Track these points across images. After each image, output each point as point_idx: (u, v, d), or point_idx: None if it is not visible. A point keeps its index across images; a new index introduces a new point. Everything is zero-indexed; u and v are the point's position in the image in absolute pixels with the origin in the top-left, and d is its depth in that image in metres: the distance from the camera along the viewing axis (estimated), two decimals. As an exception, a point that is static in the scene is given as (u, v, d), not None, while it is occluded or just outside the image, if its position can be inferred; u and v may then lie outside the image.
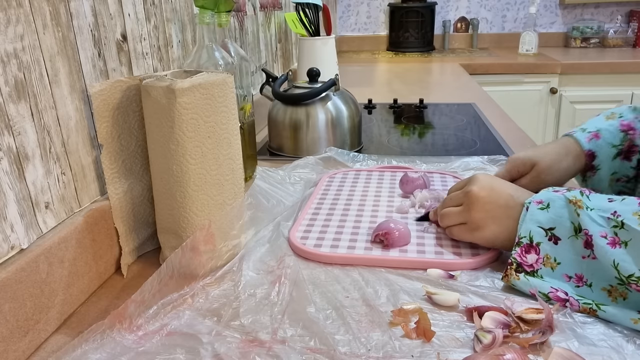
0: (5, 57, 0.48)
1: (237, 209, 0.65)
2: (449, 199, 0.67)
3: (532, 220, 0.56)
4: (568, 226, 0.54)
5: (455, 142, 1.17)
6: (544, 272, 0.55)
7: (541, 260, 0.55)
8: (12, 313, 0.47)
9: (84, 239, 0.58)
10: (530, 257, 0.55)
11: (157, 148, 0.60)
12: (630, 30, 2.72)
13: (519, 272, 0.55)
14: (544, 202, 0.57)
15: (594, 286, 0.52)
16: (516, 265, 0.56)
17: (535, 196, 0.59)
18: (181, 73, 0.65)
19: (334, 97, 1.05)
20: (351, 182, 0.89)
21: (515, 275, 0.55)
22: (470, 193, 0.62)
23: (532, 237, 0.56)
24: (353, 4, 2.97)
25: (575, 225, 0.54)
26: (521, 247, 0.56)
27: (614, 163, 0.75)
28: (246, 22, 1.26)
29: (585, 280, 0.53)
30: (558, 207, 0.56)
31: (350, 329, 0.51)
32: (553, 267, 0.54)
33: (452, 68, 2.31)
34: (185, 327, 0.52)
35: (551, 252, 0.55)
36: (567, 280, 0.54)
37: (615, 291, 0.51)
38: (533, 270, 0.55)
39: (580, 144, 0.75)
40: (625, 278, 0.49)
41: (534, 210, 0.57)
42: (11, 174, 0.49)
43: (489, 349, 0.47)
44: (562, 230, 0.55)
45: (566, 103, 2.36)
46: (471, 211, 0.62)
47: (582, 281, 0.53)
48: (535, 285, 0.54)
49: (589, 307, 0.51)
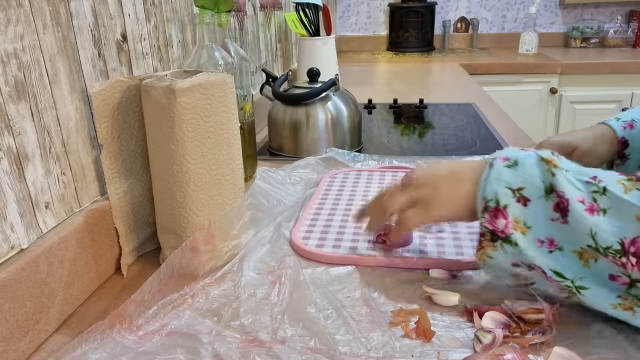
0: (5, 57, 0.48)
1: (237, 209, 0.65)
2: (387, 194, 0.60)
3: (498, 180, 0.50)
4: (539, 186, 0.49)
5: (455, 142, 1.17)
6: (517, 237, 0.49)
7: (511, 224, 0.49)
8: (12, 313, 0.47)
9: (84, 239, 0.58)
10: (500, 222, 0.50)
11: (157, 148, 0.60)
12: (630, 30, 2.72)
13: (494, 242, 0.50)
14: (511, 160, 0.51)
15: (565, 249, 0.48)
16: (490, 234, 0.50)
17: (499, 153, 0.53)
18: (181, 73, 0.65)
19: (334, 97, 1.05)
20: (352, 182, 0.89)
21: (492, 246, 0.50)
22: (412, 175, 0.57)
23: (498, 199, 0.50)
24: (353, 4, 2.97)
25: (547, 185, 0.48)
26: (490, 213, 0.50)
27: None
28: (246, 22, 1.26)
29: (557, 244, 0.48)
30: (528, 164, 0.50)
31: (351, 329, 0.51)
32: (524, 232, 0.49)
33: (452, 68, 2.31)
34: (185, 327, 0.52)
35: (520, 215, 0.49)
36: (539, 246, 0.49)
37: (586, 253, 0.47)
38: (506, 235, 0.49)
39: (614, 130, 0.75)
40: (603, 249, 0.45)
41: (499, 169, 0.51)
42: (11, 174, 0.49)
43: (489, 349, 0.47)
44: (531, 190, 0.49)
45: (566, 103, 2.36)
46: (417, 190, 0.56)
47: (553, 245, 0.48)
48: (515, 257, 0.50)
49: (570, 289, 0.48)
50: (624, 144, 0.75)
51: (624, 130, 0.75)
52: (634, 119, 0.76)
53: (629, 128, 0.75)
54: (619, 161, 0.77)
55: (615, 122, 0.77)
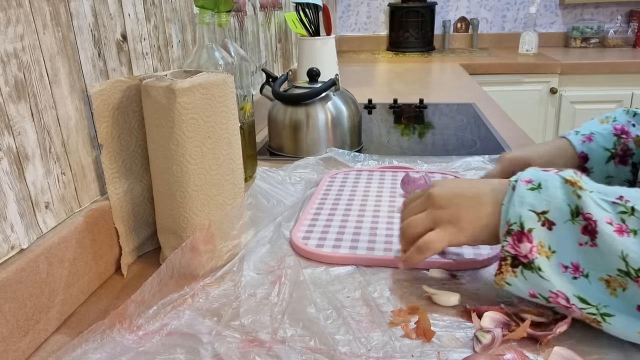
0: (5, 57, 0.48)
1: (237, 209, 0.65)
2: (408, 211, 0.59)
3: (521, 203, 0.49)
4: (565, 209, 0.47)
5: (455, 142, 1.17)
6: (540, 262, 0.48)
7: (535, 248, 0.48)
8: (12, 313, 0.47)
9: (84, 239, 0.58)
10: (524, 247, 0.48)
11: (157, 148, 0.60)
12: (630, 30, 2.72)
13: (515, 267, 0.49)
14: (534, 182, 0.50)
15: (591, 277, 0.46)
16: (511, 259, 0.49)
17: (522, 174, 0.52)
18: (181, 73, 0.65)
19: (334, 97, 1.05)
20: (352, 182, 0.89)
21: (512, 272, 0.49)
22: (430, 194, 0.56)
23: (522, 222, 0.48)
24: (353, 4, 2.97)
25: (572, 208, 0.47)
26: (512, 236, 0.49)
27: (607, 167, 0.74)
28: (246, 22, 1.26)
29: (582, 270, 0.47)
30: (552, 187, 0.49)
31: (351, 329, 0.51)
32: (548, 257, 0.48)
33: (452, 68, 2.31)
34: (185, 327, 0.52)
35: (545, 239, 0.48)
36: (563, 271, 0.47)
37: (614, 282, 0.45)
38: (529, 261, 0.48)
39: (573, 145, 0.75)
40: (635, 271, 0.44)
41: (522, 191, 0.50)
42: (11, 174, 0.49)
43: (488, 349, 0.47)
44: (556, 214, 0.48)
45: (566, 103, 2.36)
46: (438, 210, 0.55)
47: (578, 271, 0.47)
48: (534, 286, 0.48)
49: (594, 317, 0.46)
50: (584, 158, 0.74)
51: (582, 144, 0.74)
52: (592, 131, 0.75)
53: (588, 142, 0.74)
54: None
55: (575, 135, 0.76)
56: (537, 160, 0.73)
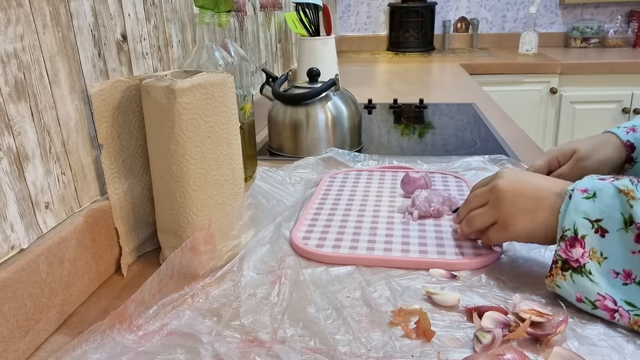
0: (5, 57, 0.48)
1: (237, 209, 0.65)
2: (473, 197, 0.63)
3: (576, 210, 0.51)
4: (618, 218, 0.49)
5: (455, 142, 1.17)
6: (591, 266, 0.50)
7: (587, 253, 0.50)
8: (12, 313, 0.47)
9: (84, 239, 0.58)
10: (576, 252, 0.50)
11: (157, 148, 0.60)
12: (630, 30, 2.72)
13: (565, 271, 0.51)
14: (590, 191, 0.52)
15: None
16: (562, 262, 0.51)
17: (579, 183, 0.53)
18: (181, 73, 0.65)
19: (334, 97, 1.05)
20: (352, 182, 0.89)
21: (562, 275, 0.51)
22: (495, 187, 0.58)
23: (576, 229, 0.51)
24: (353, 4, 2.97)
25: (626, 217, 0.49)
26: (565, 242, 0.51)
27: None
28: (246, 22, 1.26)
29: (634, 278, 0.48)
30: (606, 196, 0.51)
31: (351, 329, 0.51)
32: (600, 262, 0.50)
33: (452, 68, 2.31)
34: (185, 327, 0.52)
35: (597, 245, 0.50)
36: (614, 277, 0.49)
37: None
38: (580, 265, 0.50)
39: (617, 135, 0.76)
40: None
41: (578, 200, 0.52)
42: (11, 174, 0.49)
43: (488, 349, 0.47)
44: (610, 222, 0.50)
45: (566, 103, 2.36)
46: (500, 207, 0.58)
47: (630, 278, 0.49)
48: (582, 289, 0.50)
49: None
50: (631, 147, 0.75)
51: (627, 134, 0.75)
52: (635, 125, 0.77)
53: (632, 132, 0.76)
54: (628, 165, 0.76)
55: (617, 129, 0.77)
56: (581, 148, 0.73)
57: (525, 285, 0.57)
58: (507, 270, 0.61)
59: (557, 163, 0.74)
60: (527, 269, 0.60)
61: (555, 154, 0.75)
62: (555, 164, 0.74)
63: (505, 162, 0.94)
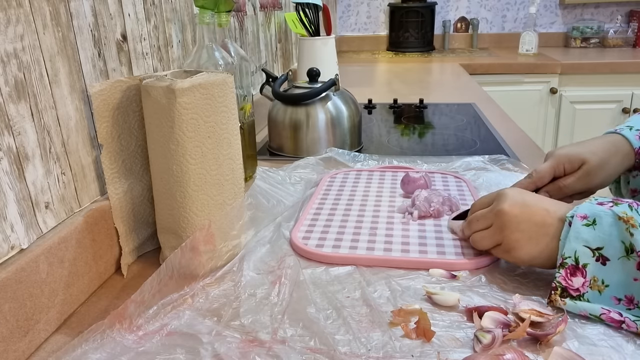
0: (5, 57, 0.48)
1: (237, 209, 0.65)
2: (477, 219, 0.62)
3: (577, 238, 0.51)
4: (618, 246, 0.50)
5: (455, 142, 1.17)
6: (590, 295, 0.51)
7: (588, 283, 0.51)
8: (12, 313, 0.47)
9: (84, 239, 0.58)
10: (577, 281, 0.51)
11: (157, 148, 0.60)
12: (630, 30, 2.72)
13: (564, 297, 0.52)
14: (589, 218, 0.52)
15: None
16: (561, 290, 0.52)
17: (578, 210, 0.53)
18: (181, 73, 0.65)
19: (334, 97, 1.05)
20: (352, 182, 0.89)
21: (561, 301, 0.52)
22: (501, 212, 0.58)
23: (577, 257, 0.51)
24: (353, 4, 2.97)
25: (627, 245, 0.49)
26: (565, 269, 0.52)
27: None
28: (246, 22, 1.26)
29: (637, 303, 0.49)
30: (606, 224, 0.51)
31: (351, 329, 0.51)
32: (600, 290, 0.50)
33: (452, 68, 2.31)
34: (185, 327, 0.52)
35: (599, 273, 0.50)
36: (616, 303, 0.50)
37: None
38: (579, 294, 0.51)
39: (630, 141, 0.70)
40: None
41: (578, 227, 0.52)
42: (11, 174, 0.49)
43: (488, 349, 0.47)
44: (611, 250, 0.50)
45: (566, 103, 2.36)
46: (504, 232, 0.57)
47: (632, 303, 0.49)
48: (585, 309, 0.51)
49: None
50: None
51: (639, 139, 0.70)
52: None
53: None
54: (636, 172, 0.73)
55: (629, 131, 0.71)
56: (591, 160, 0.69)
57: (525, 285, 0.57)
58: (507, 270, 0.61)
59: (562, 170, 0.70)
60: (527, 269, 0.60)
61: (561, 160, 0.70)
62: (560, 170, 0.70)
63: (505, 162, 0.94)
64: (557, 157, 0.70)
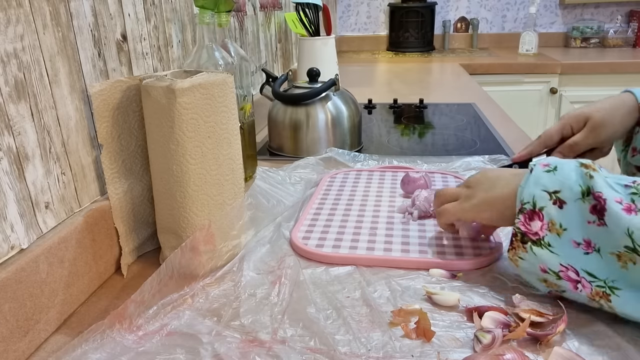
0: (5, 57, 0.48)
1: (237, 209, 0.65)
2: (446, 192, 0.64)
3: (536, 183, 0.52)
4: (576, 189, 0.50)
5: (455, 142, 1.17)
6: (550, 239, 0.50)
7: (546, 226, 0.50)
8: (12, 313, 0.47)
9: (84, 239, 0.58)
10: (534, 224, 0.51)
11: (157, 148, 0.60)
12: (630, 30, 2.72)
13: (524, 243, 0.51)
14: (551, 165, 0.52)
15: (602, 251, 0.48)
16: (521, 235, 0.51)
17: (541, 159, 0.54)
18: (181, 73, 0.65)
19: (334, 97, 1.05)
20: (352, 182, 0.89)
21: (522, 248, 0.51)
22: (469, 180, 0.61)
23: (535, 202, 0.51)
24: (353, 4, 2.97)
25: (584, 188, 0.49)
26: (524, 215, 0.51)
27: None
28: (246, 22, 1.26)
29: (594, 246, 0.48)
30: (567, 169, 0.51)
31: (351, 329, 0.51)
32: (559, 234, 0.50)
33: (452, 68, 2.31)
34: (185, 327, 0.52)
35: (556, 216, 0.50)
36: (575, 247, 0.49)
37: (625, 256, 0.46)
38: (539, 238, 0.50)
39: (636, 97, 0.72)
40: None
41: (539, 173, 0.52)
42: (11, 174, 0.49)
43: (488, 349, 0.47)
44: (568, 193, 0.50)
45: (566, 103, 2.36)
46: (464, 189, 0.60)
47: (590, 246, 0.48)
48: (544, 261, 0.50)
49: (602, 291, 0.47)
50: None
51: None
52: None
53: None
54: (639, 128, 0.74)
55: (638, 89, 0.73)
56: (594, 114, 0.71)
57: (525, 285, 0.57)
58: (507, 270, 0.61)
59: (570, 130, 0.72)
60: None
61: (568, 120, 0.72)
62: (568, 130, 0.72)
63: (505, 162, 0.94)
64: (564, 118, 0.72)
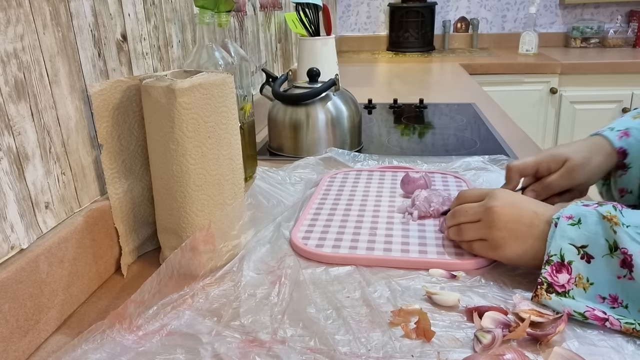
0: (5, 57, 0.48)
1: (237, 209, 0.65)
2: (465, 212, 0.63)
3: (562, 236, 0.53)
4: (602, 244, 0.51)
5: (455, 142, 1.17)
6: (575, 292, 0.52)
7: (573, 280, 0.52)
8: (12, 313, 0.47)
9: (84, 239, 0.58)
10: (562, 277, 0.52)
11: (157, 148, 0.60)
12: (630, 30, 2.72)
13: (549, 292, 0.52)
14: (575, 218, 0.54)
15: (631, 307, 0.49)
16: (547, 285, 0.53)
17: (564, 211, 0.55)
18: (181, 73, 0.65)
19: (334, 97, 1.05)
20: (352, 182, 0.89)
21: (547, 296, 0.52)
22: (491, 210, 0.59)
23: (563, 255, 0.53)
24: (353, 4, 2.97)
25: (611, 243, 0.51)
26: (552, 266, 0.53)
27: None
28: (246, 22, 1.26)
29: (621, 302, 0.50)
30: (591, 223, 0.52)
31: (351, 329, 0.51)
32: (585, 288, 0.51)
33: (452, 68, 2.31)
34: (185, 327, 0.52)
35: (584, 271, 0.52)
36: (600, 302, 0.51)
37: None
38: (565, 291, 0.52)
39: (610, 141, 0.72)
40: None
41: (564, 226, 0.53)
42: (11, 174, 0.49)
43: (488, 349, 0.47)
44: (595, 249, 0.51)
45: (566, 103, 2.36)
46: (492, 229, 0.59)
47: (617, 302, 0.50)
48: (569, 306, 0.51)
49: (632, 328, 0.48)
50: (623, 153, 0.72)
51: (620, 139, 0.72)
52: (628, 127, 0.73)
53: (625, 137, 0.72)
54: (621, 171, 0.74)
55: (610, 132, 0.74)
56: (574, 158, 0.70)
57: (525, 285, 0.57)
58: (507, 270, 0.61)
59: (547, 168, 0.71)
60: (527, 269, 0.60)
61: (546, 158, 0.71)
62: (544, 168, 0.71)
63: (505, 162, 0.94)
64: (541, 155, 0.72)
